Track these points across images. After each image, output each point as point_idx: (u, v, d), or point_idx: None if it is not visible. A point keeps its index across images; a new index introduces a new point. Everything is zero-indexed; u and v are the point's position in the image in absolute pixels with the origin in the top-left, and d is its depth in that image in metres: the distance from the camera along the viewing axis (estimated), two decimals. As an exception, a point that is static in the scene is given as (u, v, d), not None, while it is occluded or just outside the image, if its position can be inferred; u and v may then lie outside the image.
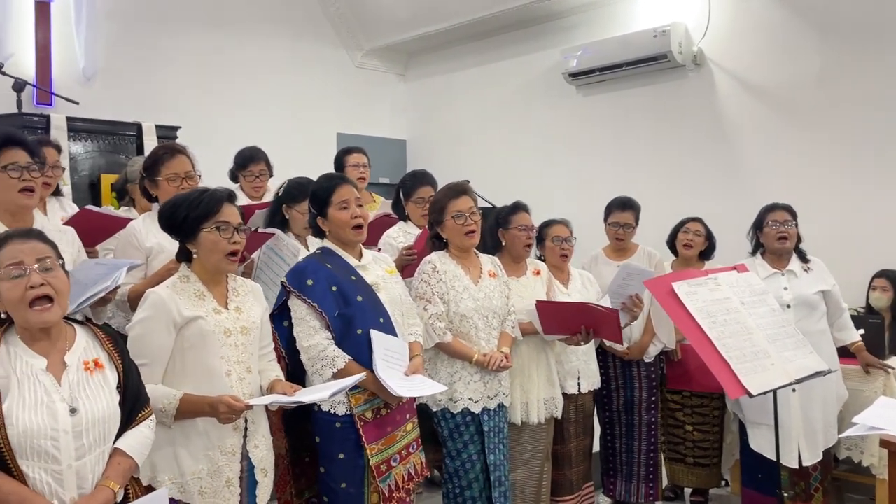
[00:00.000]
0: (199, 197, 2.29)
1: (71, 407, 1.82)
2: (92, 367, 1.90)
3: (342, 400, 2.56)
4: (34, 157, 2.55)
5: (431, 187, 3.73)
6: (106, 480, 1.86)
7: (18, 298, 1.81)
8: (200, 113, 5.60)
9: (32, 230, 1.99)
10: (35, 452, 1.76)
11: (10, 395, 1.76)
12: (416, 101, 7.45)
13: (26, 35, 5.21)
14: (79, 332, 1.97)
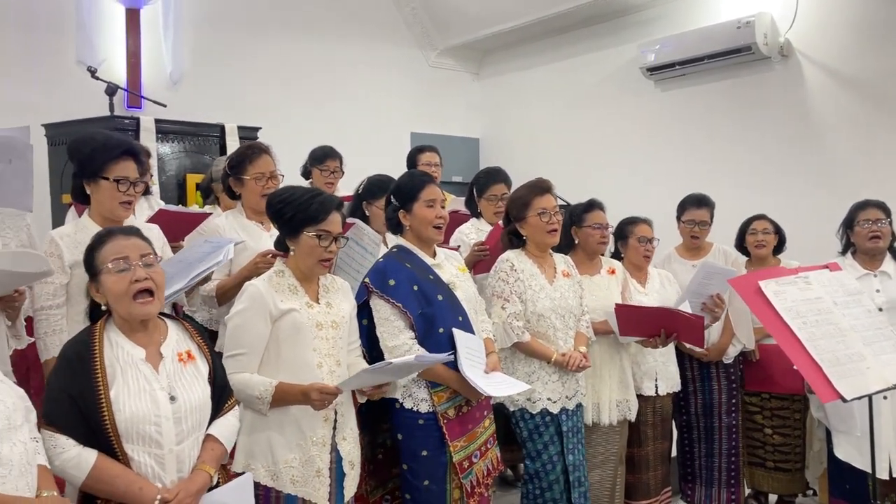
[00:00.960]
0: (310, 200, 2.35)
1: (171, 395, 1.92)
2: (185, 358, 2.01)
3: (425, 398, 2.60)
4: (142, 169, 2.69)
5: (505, 185, 3.73)
6: (202, 465, 1.96)
7: (123, 291, 1.91)
8: (280, 114, 5.75)
9: (133, 228, 2.11)
10: (140, 437, 1.86)
11: (115, 382, 1.87)
12: (490, 99, 7.44)
13: (117, 41, 5.46)
14: (170, 325, 2.07)
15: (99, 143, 2.72)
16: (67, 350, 1.92)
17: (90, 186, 2.67)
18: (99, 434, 1.83)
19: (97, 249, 1.97)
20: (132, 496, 1.83)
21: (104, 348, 1.90)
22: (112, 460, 1.84)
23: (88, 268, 1.98)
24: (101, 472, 1.81)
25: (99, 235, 2.02)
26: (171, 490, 1.87)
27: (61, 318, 2.65)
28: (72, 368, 1.86)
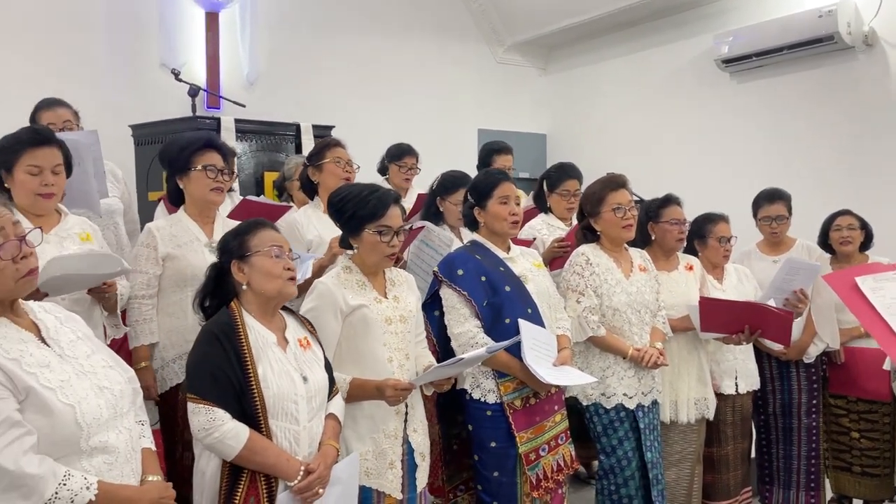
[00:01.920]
0: (368, 197, 2.40)
1: (303, 375, 2.06)
2: (305, 343, 2.15)
3: (492, 388, 2.62)
4: (226, 162, 2.81)
5: (577, 181, 3.70)
6: (328, 440, 2.11)
7: (278, 273, 2.08)
8: (352, 112, 5.84)
9: (270, 222, 2.24)
10: (283, 413, 2.00)
11: (261, 362, 2.00)
12: (557, 94, 7.38)
13: (197, 44, 5.66)
14: (286, 315, 2.21)
15: (184, 140, 2.87)
16: (213, 327, 2.03)
17: (182, 181, 2.80)
18: (248, 410, 1.96)
19: (250, 234, 2.12)
20: (280, 468, 1.97)
21: (247, 329, 2.03)
22: (259, 434, 1.96)
23: (236, 249, 2.10)
24: (254, 444, 1.94)
25: (250, 224, 2.17)
26: (311, 462, 2.02)
27: (152, 307, 2.77)
28: (222, 346, 1.97)
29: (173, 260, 2.75)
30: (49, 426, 1.55)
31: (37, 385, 1.56)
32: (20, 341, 1.61)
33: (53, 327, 1.72)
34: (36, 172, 2.44)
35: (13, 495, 1.48)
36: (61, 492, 1.51)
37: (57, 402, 1.57)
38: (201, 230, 2.81)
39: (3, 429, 1.49)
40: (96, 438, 1.61)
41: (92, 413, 1.61)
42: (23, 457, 1.49)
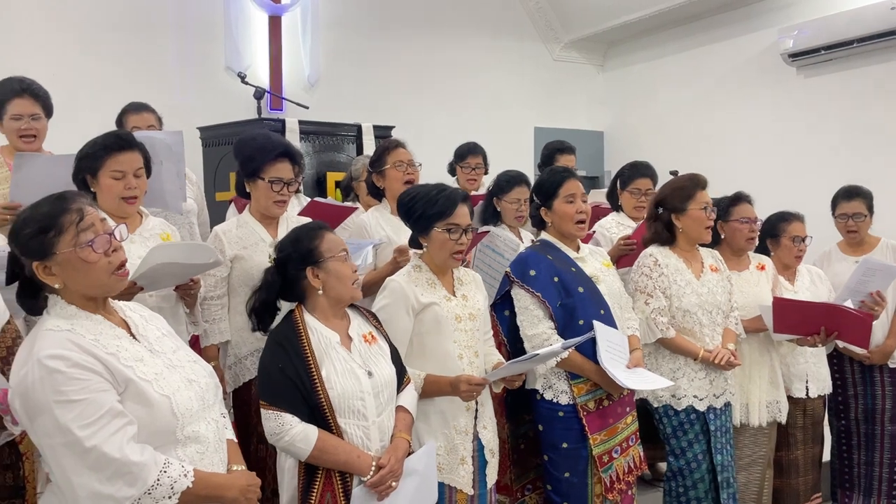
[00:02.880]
0: (437, 195, 2.43)
1: (368, 371, 2.10)
2: (370, 338, 2.19)
3: (565, 389, 2.61)
4: (296, 169, 2.84)
5: (650, 180, 3.66)
6: (399, 433, 2.15)
7: (349, 276, 2.16)
8: (412, 112, 5.89)
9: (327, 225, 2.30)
10: (350, 411, 2.04)
11: (324, 363, 2.05)
12: (615, 91, 7.31)
13: (260, 47, 5.79)
14: (349, 311, 2.25)
15: (259, 144, 2.90)
16: (277, 335, 2.10)
17: (249, 185, 2.86)
18: (316, 411, 2.01)
19: (318, 239, 2.17)
20: (352, 464, 2.02)
21: (308, 333, 2.09)
22: (329, 433, 2.02)
23: (308, 255, 2.15)
24: (324, 444, 2.00)
25: (313, 229, 2.22)
26: (382, 457, 2.06)
27: (221, 307, 2.85)
28: (286, 352, 2.04)
29: (241, 261, 2.82)
30: (148, 416, 1.61)
31: (135, 377, 1.62)
32: (115, 337, 1.67)
33: (141, 324, 1.79)
34: (119, 177, 2.53)
35: (119, 483, 1.53)
36: (162, 479, 1.57)
37: (154, 394, 1.63)
38: (266, 231, 2.87)
39: (108, 419, 1.54)
40: (189, 428, 1.68)
41: (185, 404, 1.67)
42: (126, 445, 1.55)
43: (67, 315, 1.64)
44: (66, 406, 1.52)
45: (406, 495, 2.10)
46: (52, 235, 1.61)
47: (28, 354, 1.57)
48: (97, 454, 1.52)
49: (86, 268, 1.63)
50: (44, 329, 1.60)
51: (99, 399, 1.55)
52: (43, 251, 1.61)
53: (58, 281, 1.63)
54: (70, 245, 1.61)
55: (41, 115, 3.13)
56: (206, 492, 1.66)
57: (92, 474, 1.52)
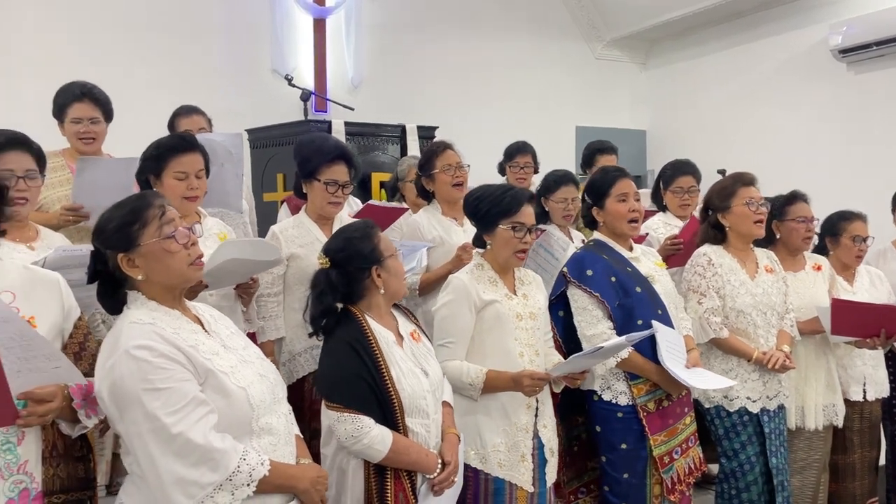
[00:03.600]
0: (503, 194, 2.45)
1: (424, 370, 2.13)
2: (416, 337, 2.21)
3: (624, 390, 2.60)
4: (352, 172, 2.88)
5: (691, 177, 3.63)
6: (449, 428, 2.18)
7: (402, 273, 2.21)
8: (455, 113, 5.91)
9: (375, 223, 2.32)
10: (417, 410, 2.08)
11: (392, 365, 2.07)
12: (658, 90, 7.24)
13: (305, 49, 5.87)
14: (392, 310, 2.26)
15: (316, 146, 2.96)
16: (346, 337, 2.09)
17: (306, 186, 2.92)
18: (386, 412, 2.03)
19: (377, 238, 2.18)
20: (421, 463, 2.06)
21: (374, 333, 2.09)
22: (399, 434, 2.03)
23: (371, 255, 2.15)
24: (397, 445, 2.02)
25: (367, 227, 2.23)
26: (443, 453, 2.12)
27: (277, 305, 2.90)
28: (358, 354, 2.04)
29: (297, 259, 2.87)
30: (227, 407, 1.66)
31: (214, 368, 1.67)
32: (192, 331, 1.73)
33: (212, 322, 1.84)
34: (182, 178, 2.59)
35: (203, 469, 1.58)
36: (242, 466, 1.61)
37: (231, 385, 1.67)
38: (321, 231, 2.92)
39: (192, 407, 1.59)
40: (263, 420, 1.72)
41: (259, 396, 1.72)
42: (209, 433, 1.60)
43: (148, 310, 1.70)
44: (153, 394, 1.57)
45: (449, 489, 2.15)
46: (137, 228, 1.68)
47: (114, 346, 1.63)
48: (183, 440, 1.57)
49: (168, 258, 1.70)
50: (128, 322, 1.66)
51: (183, 388, 1.60)
52: (128, 243, 1.68)
53: (140, 273, 1.69)
54: (154, 236, 1.69)
55: (100, 119, 3.22)
56: (280, 481, 1.70)
57: (177, 460, 1.57)
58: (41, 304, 1.68)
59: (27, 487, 1.61)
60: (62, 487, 1.68)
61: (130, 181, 3.01)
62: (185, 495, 1.57)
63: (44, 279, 1.75)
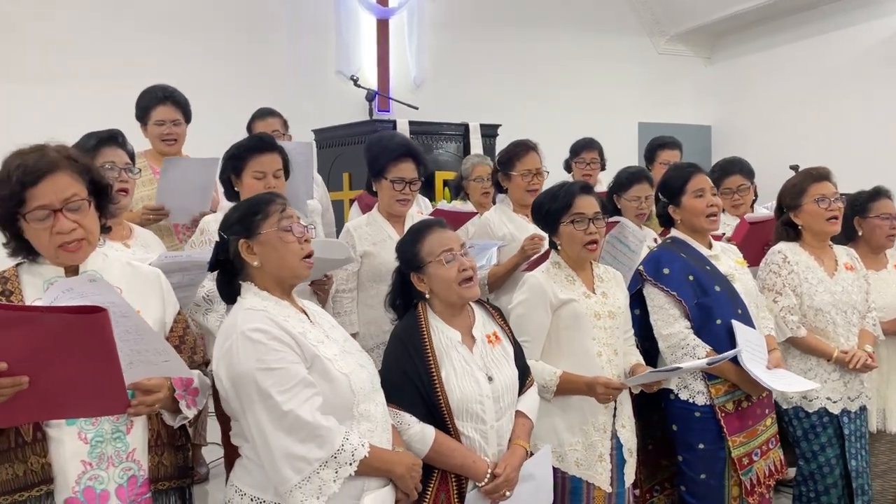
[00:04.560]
0: (557, 191, 2.45)
1: (488, 375, 2.08)
2: (493, 339, 2.17)
3: (701, 390, 2.56)
4: (420, 169, 2.91)
5: (739, 175, 3.56)
6: (517, 440, 2.12)
7: (453, 278, 2.09)
8: (517, 110, 5.92)
9: (441, 220, 2.30)
10: (468, 415, 2.04)
11: (444, 364, 2.05)
12: (723, 84, 7.10)
13: (368, 50, 5.95)
14: (475, 308, 2.23)
15: (383, 145, 3.00)
16: (400, 333, 2.12)
17: (376, 184, 2.97)
18: (434, 411, 2.02)
19: (420, 243, 2.13)
20: (467, 468, 2.02)
21: (431, 332, 2.09)
22: (446, 435, 2.02)
23: (412, 261, 2.14)
24: (440, 446, 2.00)
25: (416, 230, 2.20)
26: (498, 463, 2.04)
27: (352, 300, 2.96)
28: (407, 351, 2.06)
29: (370, 257, 2.92)
30: (330, 391, 1.75)
31: (320, 354, 1.77)
32: (300, 320, 1.83)
33: (316, 314, 1.94)
34: (261, 177, 2.68)
35: (310, 445, 1.67)
36: (345, 446, 1.70)
37: (335, 371, 1.77)
38: (393, 229, 2.96)
39: (301, 388, 1.69)
40: (362, 406, 1.81)
41: (359, 384, 1.81)
42: (316, 412, 1.70)
43: (260, 299, 1.82)
44: (266, 373, 1.68)
45: (520, 500, 2.08)
46: (259, 218, 1.83)
47: (231, 329, 1.75)
48: (293, 417, 1.66)
49: (283, 248, 1.82)
50: (243, 309, 1.79)
51: (293, 369, 1.71)
52: (249, 229, 1.82)
53: (257, 259, 1.82)
54: (273, 226, 1.82)
55: (181, 121, 3.34)
56: (378, 465, 1.78)
57: (287, 436, 1.67)
58: (145, 298, 1.76)
59: (135, 475, 1.69)
60: (165, 475, 1.76)
61: (211, 181, 3.12)
62: (293, 469, 1.66)
63: (146, 275, 1.83)
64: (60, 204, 1.62)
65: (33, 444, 1.60)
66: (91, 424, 1.63)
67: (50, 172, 1.62)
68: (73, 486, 1.62)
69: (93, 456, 1.63)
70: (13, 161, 1.62)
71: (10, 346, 1.35)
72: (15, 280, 1.68)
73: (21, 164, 1.60)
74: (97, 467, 1.63)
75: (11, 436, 1.59)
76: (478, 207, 4.15)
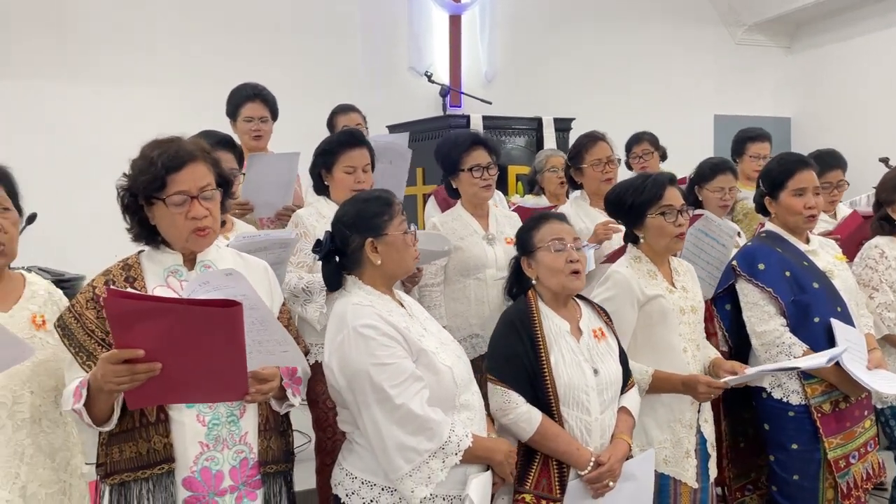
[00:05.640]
0: (643, 183, 2.40)
1: (594, 368, 2.10)
2: (599, 334, 2.18)
3: (796, 389, 2.50)
4: (493, 157, 2.93)
5: (841, 170, 3.44)
6: (621, 434, 2.12)
7: (560, 268, 2.13)
8: (591, 104, 5.84)
9: (563, 214, 2.35)
10: (574, 403, 2.06)
11: (553, 350, 2.08)
12: (804, 74, 6.87)
13: (440, 46, 5.98)
14: (581, 304, 2.25)
15: (452, 141, 3.04)
16: (511, 317, 2.16)
17: (455, 181, 2.99)
18: (541, 395, 2.05)
19: (535, 230, 2.19)
20: (570, 455, 2.03)
21: (541, 318, 2.12)
22: (551, 420, 2.04)
23: (525, 245, 2.21)
24: (546, 429, 2.03)
25: (535, 219, 2.26)
26: (602, 455, 2.05)
27: (439, 294, 2.98)
28: (518, 333, 2.09)
29: (457, 251, 2.94)
30: (436, 383, 1.83)
31: (425, 348, 1.85)
32: (402, 315, 1.90)
33: (412, 307, 2.00)
34: (351, 171, 2.74)
35: (421, 437, 1.76)
36: (452, 437, 1.80)
37: (440, 364, 1.86)
38: (478, 223, 2.98)
39: (410, 382, 1.78)
40: (463, 397, 1.88)
41: (460, 374, 1.89)
42: (425, 405, 1.78)
43: (365, 293, 1.90)
44: (379, 368, 1.77)
45: (621, 498, 2.08)
46: (387, 219, 1.92)
47: (341, 324, 1.84)
48: (405, 411, 1.75)
49: (404, 250, 1.93)
50: (352, 303, 1.87)
51: (403, 364, 1.79)
52: (378, 229, 1.91)
53: (379, 258, 1.90)
54: (398, 228, 1.92)
55: (269, 118, 3.44)
56: (480, 452, 1.85)
57: (399, 428, 1.76)
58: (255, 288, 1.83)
59: (247, 457, 1.76)
60: (273, 459, 1.82)
61: (293, 175, 3.21)
62: (404, 460, 1.75)
63: (254, 266, 1.90)
64: (197, 191, 1.71)
65: (156, 425, 1.68)
66: (208, 408, 1.71)
67: (191, 161, 1.71)
68: (192, 466, 1.70)
69: (209, 438, 1.71)
70: (153, 149, 1.71)
71: (148, 335, 1.43)
72: (137, 267, 1.77)
73: (164, 152, 1.69)
74: (213, 449, 1.71)
75: (136, 416, 1.68)
76: (553, 199, 4.14)
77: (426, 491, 1.76)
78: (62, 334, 1.72)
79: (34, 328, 1.82)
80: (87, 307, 1.71)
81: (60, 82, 5.06)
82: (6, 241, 1.77)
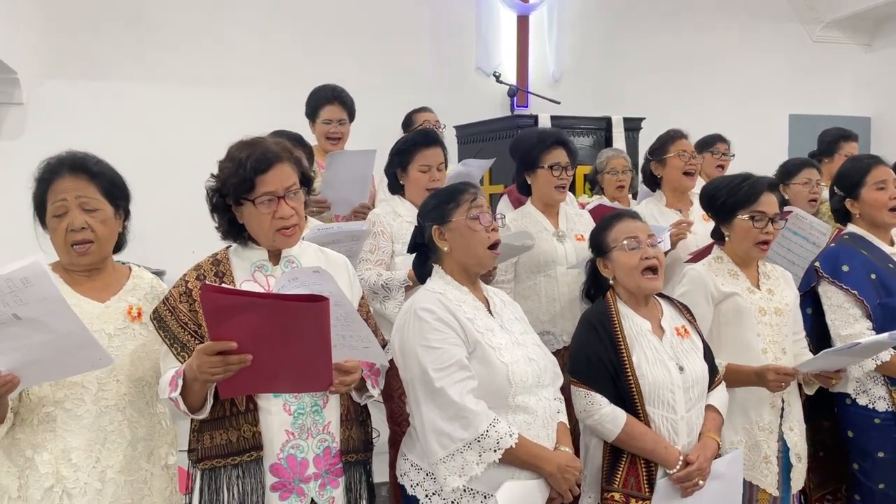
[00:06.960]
0: (741, 184, 2.38)
1: (679, 365, 2.09)
2: (682, 332, 2.17)
3: (883, 395, 2.44)
4: (570, 157, 2.95)
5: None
6: (709, 433, 2.11)
7: (634, 266, 2.14)
8: (661, 103, 5.73)
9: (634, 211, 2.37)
10: (660, 402, 2.06)
11: (635, 350, 2.08)
12: (885, 72, 6.59)
13: (507, 46, 5.98)
14: (662, 302, 2.24)
15: (535, 138, 3.05)
16: (591, 318, 2.17)
17: (530, 177, 3.00)
18: (625, 395, 2.05)
19: (608, 229, 2.21)
20: (658, 454, 2.03)
21: (621, 318, 2.12)
22: (637, 420, 2.04)
23: (600, 245, 2.22)
24: (632, 428, 2.03)
25: (608, 218, 2.27)
26: (691, 453, 2.04)
27: (510, 292, 3.00)
28: (598, 335, 2.10)
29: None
30: (487, 377, 1.86)
31: (483, 342, 1.88)
32: (474, 308, 1.96)
33: (499, 305, 2.04)
34: (426, 170, 2.80)
35: (456, 424, 1.80)
36: (490, 431, 1.80)
37: (496, 359, 1.87)
38: (548, 221, 2.99)
39: (455, 369, 1.83)
40: (520, 398, 1.88)
41: (520, 375, 1.89)
42: (466, 395, 1.81)
43: (444, 282, 1.97)
44: (427, 350, 1.83)
45: (709, 498, 2.05)
46: (451, 206, 1.98)
47: (409, 306, 1.95)
48: (443, 395, 1.79)
49: (470, 235, 1.96)
50: (423, 288, 2.00)
51: (451, 350, 1.83)
52: (442, 216, 1.98)
53: (447, 245, 1.97)
54: (462, 214, 1.96)
55: (346, 120, 3.52)
56: (526, 458, 1.85)
57: (437, 411, 1.80)
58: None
59: (329, 446, 1.82)
60: (354, 448, 1.88)
61: (369, 172, 3.27)
62: (438, 444, 1.80)
63: (335, 261, 1.96)
64: (283, 192, 1.77)
65: (246, 414, 1.75)
66: (294, 398, 1.77)
67: (278, 162, 1.77)
68: (279, 454, 1.76)
69: (295, 426, 1.77)
70: (241, 151, 1.77)
71: (240, 328, 1.49)
72: (226, 262, 1.85)
73: (251, 154, 1.75)
74: (299, 437, 1.77)
75: (227, 406, 1.75)
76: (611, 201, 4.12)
77: (459, 482, 1.78)
78: (157, 326, 1.80)
79: (129, 319, 1.88)
80: (181, 300, 1.78)
81: (141, 83, 5.26)
82: (94, 239, 1.82)
